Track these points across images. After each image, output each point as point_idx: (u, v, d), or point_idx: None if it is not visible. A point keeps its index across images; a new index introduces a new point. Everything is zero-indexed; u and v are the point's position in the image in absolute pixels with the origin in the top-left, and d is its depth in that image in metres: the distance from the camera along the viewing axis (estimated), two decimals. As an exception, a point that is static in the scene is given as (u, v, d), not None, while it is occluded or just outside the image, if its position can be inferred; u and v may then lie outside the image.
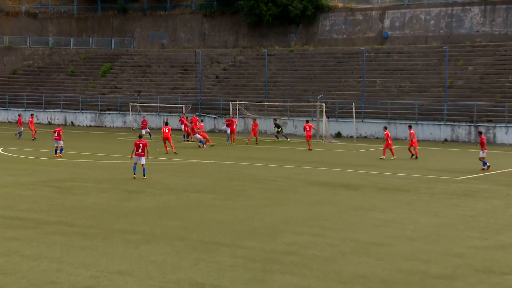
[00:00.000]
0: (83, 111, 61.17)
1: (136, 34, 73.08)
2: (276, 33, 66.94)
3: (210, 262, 13.71)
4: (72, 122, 60.66)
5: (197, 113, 51.83)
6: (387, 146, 34.56)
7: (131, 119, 57.36)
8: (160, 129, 42.71)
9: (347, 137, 51.18)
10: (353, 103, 50.09)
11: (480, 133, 32.26)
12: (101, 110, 60.49)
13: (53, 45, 72.58)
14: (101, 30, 74.35)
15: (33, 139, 43.48)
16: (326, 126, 47.86)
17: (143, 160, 26.13)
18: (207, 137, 41.15)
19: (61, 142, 33.73)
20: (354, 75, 57.96)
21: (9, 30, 73.00)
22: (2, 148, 37.74)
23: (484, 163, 30.41)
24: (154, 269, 13.12)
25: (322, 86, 56.91)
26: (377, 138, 50.24)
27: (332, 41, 64.70)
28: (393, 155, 34.70)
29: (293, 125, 52.04)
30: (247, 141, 43.83)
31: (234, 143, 43.31)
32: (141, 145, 26.09)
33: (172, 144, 36.75)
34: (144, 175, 25.98)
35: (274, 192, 23.45)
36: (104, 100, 61.68)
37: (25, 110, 62.87)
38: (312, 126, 42.22)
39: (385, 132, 35.28)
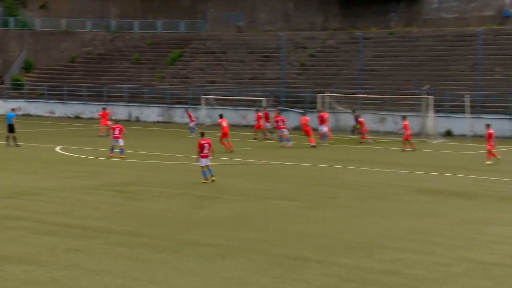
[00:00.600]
0: (149, 105, 62.53)
1: (209, 15, 74.13)
2: (373, 12, 66.37)
3: (297, 281, 13.79)
4: (137, 118, 62.10)
5: (279, 107, 52.03)
6: (491, 147, 33.61)
7: (204, 114, 58.21)
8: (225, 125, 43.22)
9: (459, 135, 50.09)
10: (467, 96, 49.01)
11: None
12: (170, 104, 61.68)
13: (116, 29, 74.58)
14: (169, 12, 75.84)
15: (101, 136, 45.36)
16: (433, 122, 47.06)
17: (208, 162, 26.48)
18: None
19: (121, 141, 34.48)
20: (467, 62, 56.69)
21: (67, 12, 75.56)
22: (60, 147, 39.13)
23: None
24: (231, 287, 13.35)
25: (429, 75, 55.97)
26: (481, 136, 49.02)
27: (441, 21, 63.50)
28: (494, 156, 33.72)
29: (393, 121, 51.43)
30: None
31: (330, 142, 43.03)
32: (206, 145, 26.42)
33: (230, 141, 37.36)
34: (212, 176, 26.36)
35: (371, 200, 23.30)
36: (173, 92, 62.86)
37: (85, 104, 64.85)
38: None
39: (489, 131, 33.98)
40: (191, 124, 48.53)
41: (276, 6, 71.29)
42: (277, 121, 42.95)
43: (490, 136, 33.83)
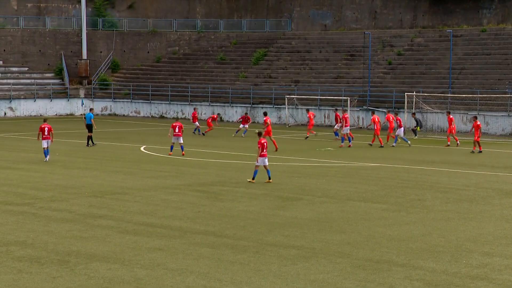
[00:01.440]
0: (233, 105, 63.11)
1: (295, 14, 74.22)
2: (464, 8, 65.03)
3: (381, 285, 13.69)
4: (220, 117, 62.76)
5: (367, 107, 51.57)
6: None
7: (287, 114, 58.33)
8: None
9: (554, 137, 48.65)
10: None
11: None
12: (253, 104, 62.09)
13: (201, 29, 75.58)
14: (254, 10, 76.36)
15: (203, 134, 47.36)
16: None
17: (266, 161, 26.70)
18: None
19: (181, 138, 35.45)
20: None
21: (154, 12, 77.04)
22: (144, 147, 39.94)
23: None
24: (313, 290, 13.34)
25: (522, 74, 54.46)
26: None
27: (536, 17, 61.67)
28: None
29: (484, 122, 50.30)
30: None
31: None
32: (264, 144, 26.68)
33: (273, 139, 38.02)
34: (269, 178, 26.57)
35: (459, 203, 22.88)
36: (257, 91, 63.25)
37: (169, 103, 66.05)
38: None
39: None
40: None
41: (364, 4, 70.77)
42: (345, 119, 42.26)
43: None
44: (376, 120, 40.99)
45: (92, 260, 15.47)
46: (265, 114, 42.49)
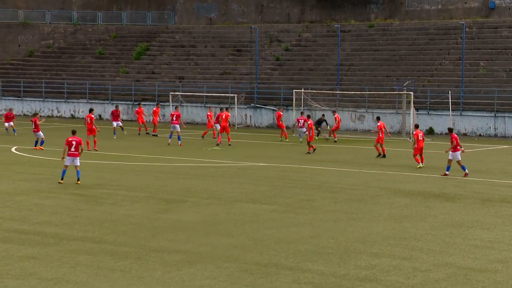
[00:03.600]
0: (114, 102, 62.29)
1: (178, 6, 74.02)
2: (353, 3, 66.71)
3: (268, 290, 13.85)
4: (99, 115, 61.83)
5: (255, 105, 52.05)
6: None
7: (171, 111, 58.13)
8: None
9: (441, 134, 50.58)
10: (450, 92, 49.46)
11: (451, 130, 31.06)
12: (135, 101, 61.52)
13: (78, 21, 74.19)
14: (135, 2, 75.63)
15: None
16: (414, 120, 47.46)
17: (77, 162, 26.66)
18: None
19: (41, 133, 38.35)
20: (450, 56, 57.23)
21: (25, 3, 75.01)
22: (15, 147, 38.85)
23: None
24: (198, 297, 13.34)
25: (410, 70, 56.43)
26: (480, 135, 49.62)
27: (423, 13, 63.99)
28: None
29: (372, 119, 51.78)
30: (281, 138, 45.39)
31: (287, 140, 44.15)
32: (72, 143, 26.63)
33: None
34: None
35: (348, 203, 23.43)
36: (139, 88, 62.70)
37: (44, 101, 64.48)
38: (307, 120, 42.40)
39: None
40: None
41: (250, -3, 71.35)
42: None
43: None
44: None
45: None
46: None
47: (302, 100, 50.60)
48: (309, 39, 64.98)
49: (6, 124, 46.92)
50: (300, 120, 43.66)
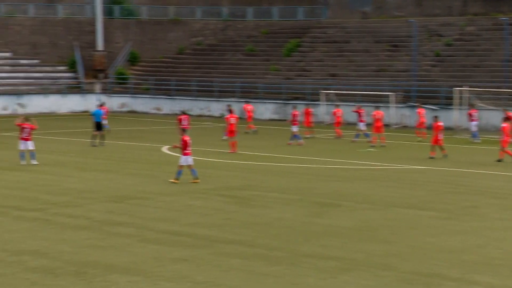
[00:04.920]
0: (263, 101, 63.06)
1: (331, 0, 74.03)
2: (521, -7, 64.41)
3: (429, 302, 13.64)
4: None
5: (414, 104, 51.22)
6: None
7: (323, 111, 58.22)
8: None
9: None
10: None
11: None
12: (285, 99, 62.03)
13: (227, 17, 75.68)
14: (288, -4, 76.15)
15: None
16: None
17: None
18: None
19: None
20: None
21: (175, -1, 77.24)
22: (166, 147, 40.11)
23: None
24: (355, 307, 13.32)
25: None
26: None
27: None
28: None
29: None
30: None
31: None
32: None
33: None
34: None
35: (517, 211, 22.71)
36: (290, 86, 63.16)
37: (194, 99, 66.00)
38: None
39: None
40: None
41: (407, -11, 70.37)
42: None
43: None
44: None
45: (111, 271, 15.56)
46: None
47: (466, 99, 49.21)
48: (472, 33, 63.31)
49: None
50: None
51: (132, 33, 74.58)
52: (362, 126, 43.74)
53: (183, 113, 43.41)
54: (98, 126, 40.32)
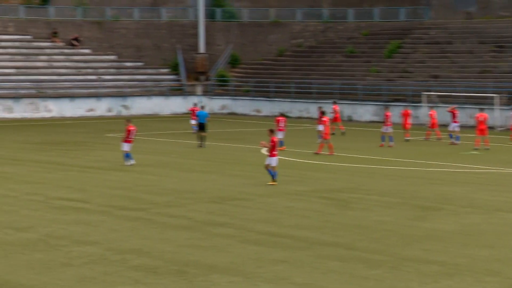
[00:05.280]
0: (364, 103, 62.63)
1: (434, 1, 72.91)
2: None
3: (536, 310, 13.24)
4: (349, 117, 62.38)
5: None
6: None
7: (425, 113, 57.36)
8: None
9: None
10: None
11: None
12: (386, 101, 61.39)
13: (328, 19, 75.48)
14: (388, -3, 75.48)
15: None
16: None
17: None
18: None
19: (281, 133, 38.83)
20: None
21: (276, 1, 77.53)
22: (265, 149, 40.20)
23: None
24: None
25: None
26: None
27: None
28: None
29: None
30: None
31: None
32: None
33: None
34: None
35: None
36: (390, 88, 62.52)
37: (293, 101, 66.07)
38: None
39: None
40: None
41: (513, -12, 68.70)
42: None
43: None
44: None
45: (212, 271, 15.72)
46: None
47: None
48: None
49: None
50: None
51: (233, 35, 75.24)
52: (455, 127, 42.90)
53: (281, 114, 43.42)
54: (201, 127, 40.87)
